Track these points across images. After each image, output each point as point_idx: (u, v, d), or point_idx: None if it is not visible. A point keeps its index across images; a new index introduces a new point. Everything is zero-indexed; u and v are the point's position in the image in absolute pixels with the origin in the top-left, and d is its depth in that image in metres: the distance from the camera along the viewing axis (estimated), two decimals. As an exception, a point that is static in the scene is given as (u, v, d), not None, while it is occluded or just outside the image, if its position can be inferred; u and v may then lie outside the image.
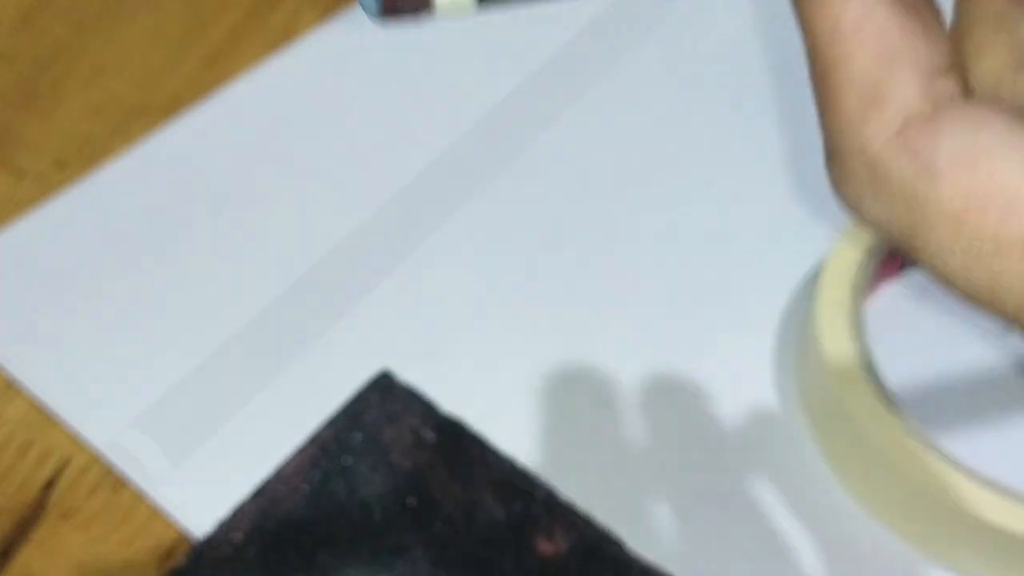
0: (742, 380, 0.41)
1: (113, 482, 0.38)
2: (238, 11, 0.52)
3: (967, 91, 0.20)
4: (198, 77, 0.50)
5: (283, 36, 0.52)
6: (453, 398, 0.40)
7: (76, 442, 0.39)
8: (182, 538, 0.37)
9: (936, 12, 0.19)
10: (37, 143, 0.48)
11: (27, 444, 0.39)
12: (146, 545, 0.37)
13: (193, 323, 0.42)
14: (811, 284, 0.43)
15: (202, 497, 0.38)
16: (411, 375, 0.40)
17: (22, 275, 0.43)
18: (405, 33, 0.51)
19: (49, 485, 0.38)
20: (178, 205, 0.46)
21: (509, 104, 0.47)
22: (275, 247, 0.44)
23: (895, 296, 0.43)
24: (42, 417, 0.40)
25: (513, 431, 0.39)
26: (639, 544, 0.37)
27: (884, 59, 0.18)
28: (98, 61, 0.51)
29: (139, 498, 0.38)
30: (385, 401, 0.39)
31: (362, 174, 0.46)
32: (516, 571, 0.36)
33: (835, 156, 0.19)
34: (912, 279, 0.44)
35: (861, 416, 0.37)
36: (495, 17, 0.52)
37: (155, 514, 0.38)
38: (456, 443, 0.39)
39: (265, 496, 0.37)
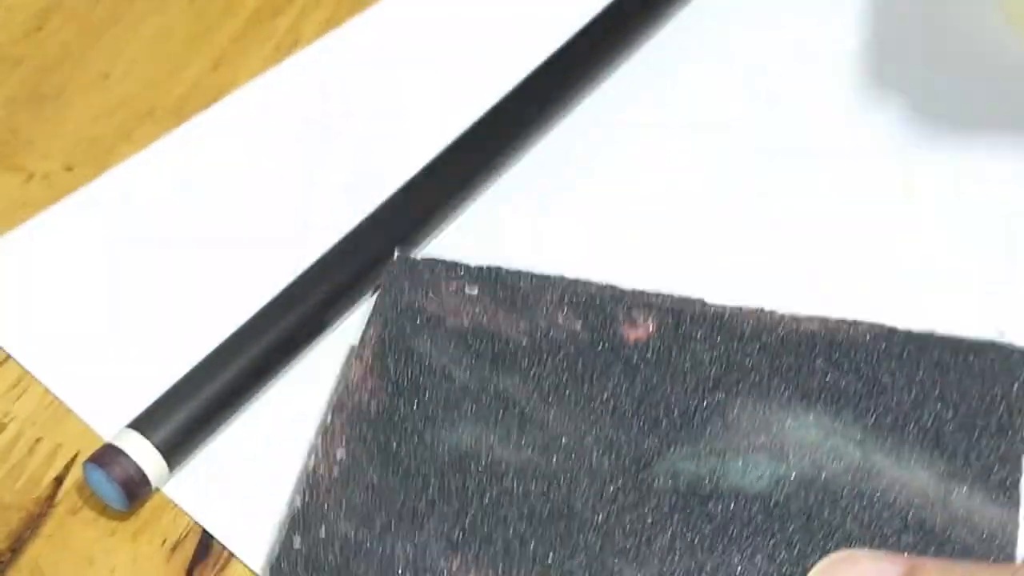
0: None
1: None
2: (243, 16, 0.53)
3: None
4: (204, 81, 0.51)
5: (289, 41, 0.52)
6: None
7: (86, 437, 0.40)
8: (190, 531, 0.37)
9: None
10: (46, 145, 0.48)
11: (37, 440, 0.40)
12: (154, 539, 0.37)
13: (201, 320, 0.42)
14: None
15: (209, 491, 0.38)
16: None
17: (32, 273, 0.44)
18: (412, 40, 0.52)
19: (58, 481, 0.39)
20: (185, 206, 0.46)
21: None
22: (282, 247, 0.44)
23: None
24: (52, 413, 0.40)
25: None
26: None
27: None
28: (106, 65, 0.51)
29: (147, 493, 0.38)
30: (414, 279, 0.39)
31: (368, 176, 0.46)
32: (615, 366, 0.36)
33: None
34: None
35: None
36: (500, 27, 0.52)
37: (163, 508, 0.38)
38: (503, 284, 0.39)
39: (346, 409, 0.36)
